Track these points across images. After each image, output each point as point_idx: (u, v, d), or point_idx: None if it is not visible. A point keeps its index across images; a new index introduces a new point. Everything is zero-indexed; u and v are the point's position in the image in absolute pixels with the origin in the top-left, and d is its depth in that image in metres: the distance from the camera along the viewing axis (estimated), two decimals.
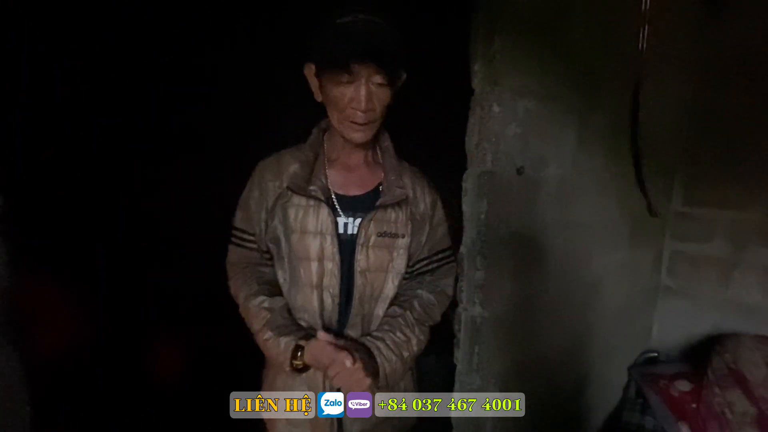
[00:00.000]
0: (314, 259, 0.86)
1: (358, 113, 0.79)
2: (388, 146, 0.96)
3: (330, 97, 0.80)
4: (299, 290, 0.89)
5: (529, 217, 1.14)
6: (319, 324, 0.89)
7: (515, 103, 1.01)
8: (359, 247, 0.87)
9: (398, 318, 0.90)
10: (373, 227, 0.88)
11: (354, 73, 0.76)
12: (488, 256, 1.04)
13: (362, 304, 0.90)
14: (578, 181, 1.29)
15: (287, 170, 0.89)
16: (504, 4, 0.95)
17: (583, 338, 1.52)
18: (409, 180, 0.95)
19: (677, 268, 1.91)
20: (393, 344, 0.86)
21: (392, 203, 0.89)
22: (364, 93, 0.77)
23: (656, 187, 1.80)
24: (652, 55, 1.35)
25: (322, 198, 0.86)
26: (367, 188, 0.92)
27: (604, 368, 1.73)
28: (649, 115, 1.63)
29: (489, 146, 0.99)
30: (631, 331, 1.88)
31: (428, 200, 0.96)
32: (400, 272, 0.93)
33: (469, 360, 1.09)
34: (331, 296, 0.88)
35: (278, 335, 0.84)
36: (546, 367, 1.34)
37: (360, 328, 0.91)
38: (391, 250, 0.91)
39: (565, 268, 1.33)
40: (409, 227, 0.92)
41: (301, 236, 0.87)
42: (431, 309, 0.95)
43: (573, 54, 1.15)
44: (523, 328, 1.20)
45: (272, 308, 0.88)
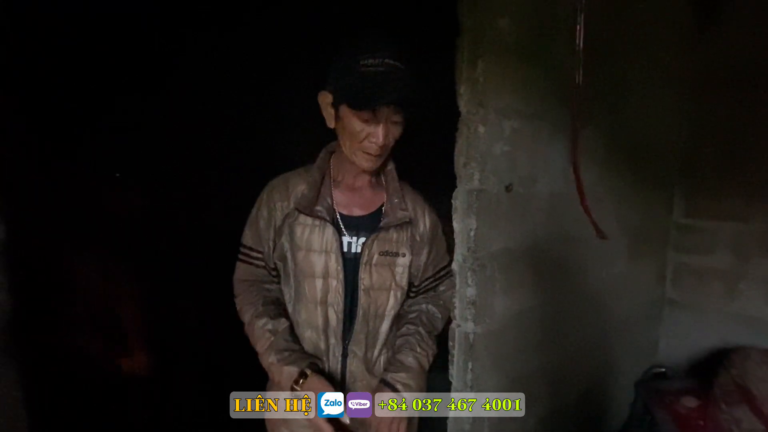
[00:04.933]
0: (319, 276, 0.91)
1: (374, 146, 0.85)
2: (392, 170, 1.01)
3: (347, 129, 0.85)
4: (304, 306, 0.93)
5: (520, 232, 1.16)
6: (322, 339, 0.91)
7: (501, 123, 1.04)
8: (363, 266, 0.92)
9: (414, 335, 0.98)
10: (376, 246, 0.93)
11: (377, 113, 0.82)
12: (479, 272, 1.05)
13: (366, 321, 0.94)
14: (570, 196, 1.30)
15: (295, 191, 0.93)
16: (486, 28, 0.99)
17: (583, 353, 1.51)
18: (410, 202, 1.00)
19: (681, 280, 1.89)
20: (416, 364, 0.94)
21: (395, 225, 0.94)
22: (382, 130, 0.83)
23: (655, 199, 1.81)
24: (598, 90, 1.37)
25: (327, 218, 0.91)
26: (370, 209, 0.97)
27: (608, 384, 1.70)
28: (645, 126, 1.65)
29: (476, 165, 1.02)
30: (636, 346, 1.85)
31: (428, 222, 1.01)
32: (402, 290, 0.97)
33: (463, 377, 1.09)
34: (336, 313, 0.92)
35: (282, 363, 0.88)
36: (545, 383, 1.33)
37: (364, 344, 0.94)
38: (392, 268, 0.95)
39: (560, 283, 1.33)
40: (409, 247, 0.96)
41: (306, 254, 0.91)
42: (436, 321, 1.04)
43: (559, 73, 1.18)
44: (518, 344, 1.20)
45: (275, 331, 0.92)
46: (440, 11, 1.03)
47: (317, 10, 1.55)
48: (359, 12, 1.43)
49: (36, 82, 1.39)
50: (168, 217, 1.67)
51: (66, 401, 1.29)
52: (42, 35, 1.43)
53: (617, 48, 1.44)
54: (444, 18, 1.01)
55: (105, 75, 1.58)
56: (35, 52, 1.40)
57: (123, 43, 1.60)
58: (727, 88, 1.73)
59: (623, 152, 1.56)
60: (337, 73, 0.84)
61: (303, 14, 1.57)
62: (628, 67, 1.52)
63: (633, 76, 1.55)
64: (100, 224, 1.39)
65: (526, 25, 1.07)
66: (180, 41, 1.77)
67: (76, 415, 1.31)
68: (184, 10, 1.68)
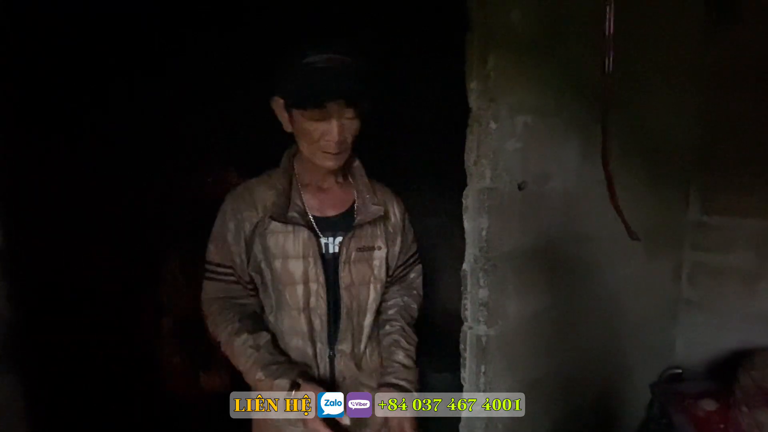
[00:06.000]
0: (299, 282, 0.88)
1: (331, 144, 0.82)
2: (358, 166, 0.98)
3: (302, 131, 0.83)
4: (287, 314, 0.90)
5: (533, 232, 1.13)
6: (309, 345, 0.90)
7: (513, 118, 1.01)
8: (342, 264, 0.90)
9: (399, 333, 0.97)
10: (353, 243, 0.91)
11: (326, 110, 0.79)
12: (491, 273, 1.03)
13: (350, 318, 0.93)
14: (584, 194, 1.26)
15: (262, 199, 0.90)
16: (497, 23, 0.96)
17: (598, 354, 1.47)
18: (381, 196, 0.97)
19: (698, 280, 1.84)
20: (408, 359, 0.94)
21: (369, 221, 0.93)
22: (336, 127, 0.80)
23: (670, 196, 1.76)
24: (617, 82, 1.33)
25: (301, 222, 0.88)
26: (342, 208, 0.95)
27: (624, 386, 1.66)
28: (660, 122, 1.61)
29: (488, 162, 0.99)
30: (652, 347, 1.81)
31: (398, 213, 0.99)
32: (381, 282, 0.96)
33: (475, 380, 1.07)
34: (319, 317, 0.90)
35: (271, 377, 0.85)
36: (560, 385, 1.30)
37: (350, 341, 0.93)
38: (371, 262, 0.94)
39: (575, 283, 1.30)
40: (384, 239, 0.95)
41: (284, 261, 0.88)
42: (413, 311, 1.03)
43: (572, 68, 1.14)
44: (532, 346, 1.17)
45: (257, 345, 0.88)
46: (448, 6, 1.00)
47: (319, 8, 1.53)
48: (364, 10, 1.41)
49: (35, 82, 1.38)
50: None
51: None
52: (43, 35, 1.42)
53: (630, 43, 1.40)
54: (453, 13, 0.99)
55: (106, 74, 1.57)
56: (36, 52, 1.39)
57: (123, 42, 1.59)
58: (747, 83, 1.68)
59: (637, 148, 1.52)
60: (283, 75, 0.82)
61: (304, 12, 1.55)
62: (641, 62, 1.47)
63: (647, 71, 1.50)
64: None
65: (539, 18, 1.04)
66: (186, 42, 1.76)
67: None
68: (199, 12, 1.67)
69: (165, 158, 1.52)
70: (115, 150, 1.55)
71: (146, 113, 1.56)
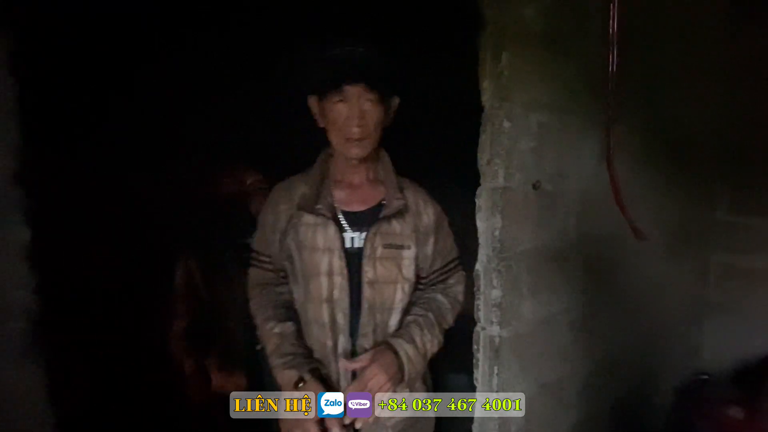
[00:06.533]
0: (324, 274, 0.91)
1: (353, 129, 0.87)
2: (387, 164, 1.02)
3: (329, 119, 0.89)
4: (311, 305, 0.94)
5: (548, 232, 1.11)
6: (330, 337, 0.92)
7: (527, 117, 1.00)
8: (366, 259, 0.92)
9: (422, 318, 0.96)
10: (379, 240, 0.93)
11: (346, 93, 0.86)
12: (505, 273, 1.01)
13: (373, 314, 0.93)
14: (603, 194, 1.23)
15: (297, 192, 0.95)
16: (511, 19, 0.95)
17: (619, 358, 1.43)
18: (411, 194, 1.00)
19: (726, 282, 1.76)
20: (420, 342, 0.93)
21: (393, 214, 0.94)
22: (357, 110, 0.86)
23: (696, 194, 1.70)
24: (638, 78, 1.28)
25: (328, 215, 0.92)
26: (370, 204, 0.97)
27: (646, 391, 1.61)
28: (685, 118, 1.55)
29: (501, 162, 0.98)
30: (678, 351, 1.75)
31: (431, 213, 1.00)
32: (409, 282, 0.97)
33: (488, 382, 1.06)
34: (342, 310, 0.92)
35: (284, 366, 0.90)
36: (578, 389, 1.27)
37: (372, 337, 0.94)
38: (399, 261, 0.95)
39: (593, 285, 1.26)
40: (413, 239, 0.96)
41: (311, 253, 0.92)
42: (446, 312, 1.02)
43: (590, 64, 1.12)
44: (547, 348, 1.15)
45: (282, 334, 0.94)
46: (461, 3, 0.99)
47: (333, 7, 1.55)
48: (375, 9, 1.41)
49: (55, 80, 1.44)
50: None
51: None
52: (67, 32, 1.48)
53: (653, 37, 1.36)
54: (466, 11, 0.98)
55: (125, 73, 1.62)
56: (58, 50, 1.45)
57: (140, 41, 1.64)
58: None
59: (660, 146, 1.47)
60: (309, 71, 0.90)
61: (319, 11, 1.57)
62: (666, 57, 1.43)
63: (672, 66, 1.45)
64: None
65: (554, 14, 1.02)
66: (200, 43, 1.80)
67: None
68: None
69: (181, 159, 1.56)
70: (134, 149, 1.60)
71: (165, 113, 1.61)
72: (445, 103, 1.37)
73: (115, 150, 1.57)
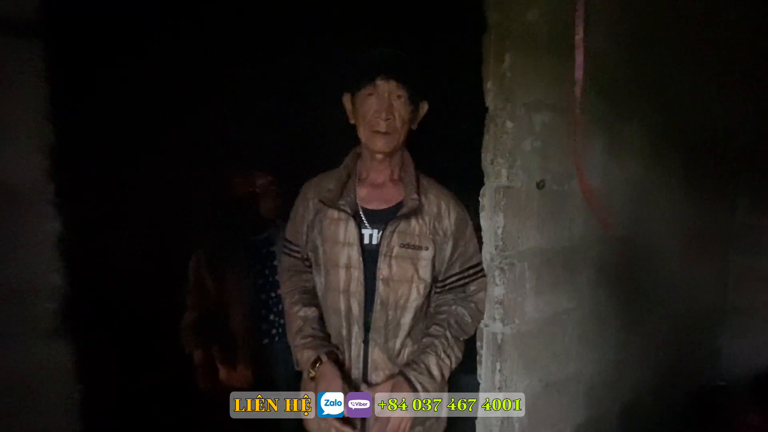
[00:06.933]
0: (342, 266, 0.95)
1: (381, 122, 0.91)
2: (409, 164, 1.03)
3: (360, 113, 0.94)
4: (330, 294, 0.98)
5: (553, 231, 1.12)
6: (344, 326, 0.96)
7: (530, 117, 1.01)
8: (382, 256, 0.94)
9: (441, 339, 0.96)
10: (396, 239, 0.95)
11: (378, 87, 0.91)
12: (507, 271, 1.03)
13: (385, 310, 0.96)
14: (610, 193, 1.23)
15: (324, 188, 1.00)
16: (514, 23, 0.97)
17: (629, 360, 1.42)
18: (435, 196, 1.00)
19: (746, 285, 1.72)
20: (437, 371, 0.94)
21: (409, 213, 0.96)
22: (386, 104, 0.91)
23: (714, 196, 1.66)
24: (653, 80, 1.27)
25: (349, 211, 0.96)
26: (391, 203, 0.99)
27: (661, 395, 1.58)
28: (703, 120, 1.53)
29: (504, 161, 1.00)
30: (694, 355, 1.71)
31: (453, 216, 0.99)
32: (425, 283, 0.97)
33: (491, 378, 1.07)
34: (357, 301, 0.95)
35: (304, 347, 0.96)
36: (583, 389, 1.27)
37: (383, 333, 0.96)
38: (415, 262, 0.96)
39: (601, 285, 1.26)
40: (431, 240, 0.97)
41: (332, 246, 0.96)
42: (466, 325, 1.00)
43: (596, 64, 1.12)
44: (551, 347, 1.16)
45: (306, 317, 1.00)
46: (466, 8, 1.02)
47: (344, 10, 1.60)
48: (386, 12, 1.45)
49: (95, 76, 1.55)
50: None
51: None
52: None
53: (670, 36, 1.35)
54: (471, 14, 1.00)
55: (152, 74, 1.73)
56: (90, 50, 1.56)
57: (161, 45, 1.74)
58: None
59: (675, 147, 1.45)
60: (348, 72, 0.96)
61: (330, 16, 1.64)
62: (682, 60, 1.41)
63: (689, 68, 1.43)
64: None
65: (557, 16, 1.03)
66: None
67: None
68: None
69: (198, 160, 1.64)
70: (157, 150, 1.71)
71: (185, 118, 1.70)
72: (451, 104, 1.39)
73: (140, 150, 1.69)
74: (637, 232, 1.36)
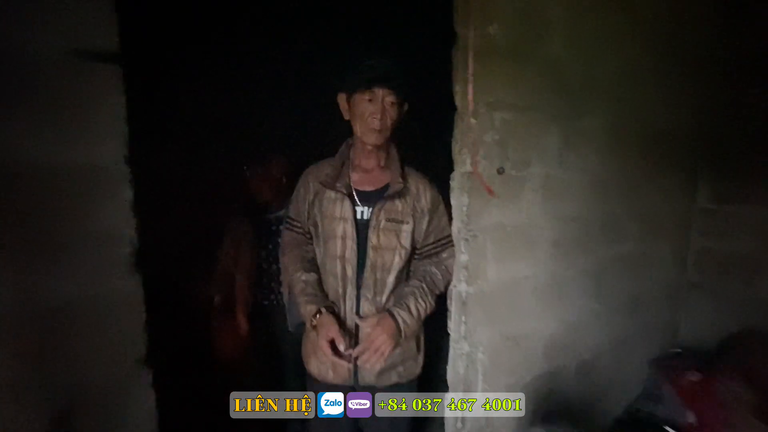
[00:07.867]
0: (339, 237, 1.19)
1: (376, 121, 1.14)
2: (395, 155, 1.27)
3: (356, 113, 1.16)
4: (329, 260, 1.22)
5: (512, 209, 1.33)
6: (340, 285, 1.20)
7: (491, 114, 1.22)
8: (371, 229, 1.19)
9: (418, 288, 1.21)
10: (383, 214, 1.19)
11: (374, 93, 1.12)
12: (471, 241, 1.25)
13: (374, 271, 1.20)
14: (568, 179, 1.44)
15: (323, 173, 1.23)
16: (477, 36, 1.17)
17: (587, 323, 1.63)
18: (414, 181, 1.25)
19: (704, 264, 1.91)
20: (415, 310, 1.18)
21: (393, 194, 1.20)
22: (380, 107, 1.14)
23: (674, 183, 1.84)
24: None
25: (345, 192, 1.19)
26: (378, 185, 1.24)
27: (618, 359, 1.79)
28: (664, 113, 1.70)
29: (468, 151, 1.22)
30: (653, 326, 1.91)
31: (428, 197, 1.24)
32: (406, 250, 1.22)
33: (458, 329, 1.31)
34: (351, 266, 1.20)
35: (306, 302, 1.20)
36: (540, 345, 1.49)
37: (372, 290, 1.21)
38: (398, 233, 1.21)
39: (557, 257, 1.47)
40: (411, 216, 1.21)
41: (330, 221, 1.20)
42: (438, 281, 1.26)
43: (553, 69, 1.32)
44: (510, 306, 1.38)
45: (307, 281, 1.24)
46: (439, 24, 1.23)
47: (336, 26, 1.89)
48: (370, 28, 1.70)
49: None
50: None
51: None
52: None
53: (630, 36, 1.53)
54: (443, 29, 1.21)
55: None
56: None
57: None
58: (758, 74, 1.72)
59: (634, 139, 1.64)
60: (348, 76, 1.16)
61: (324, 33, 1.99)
62: (643, 56, 1.58)
63: (649, 63, 1.61)
64: None
65: (515, 29, 1.23)
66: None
67: None
68: None
69: (233, 150, 1.96)
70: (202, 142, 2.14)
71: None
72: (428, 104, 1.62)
73: (193, 142, 2.20)
74: (593, 213, 1.56)
